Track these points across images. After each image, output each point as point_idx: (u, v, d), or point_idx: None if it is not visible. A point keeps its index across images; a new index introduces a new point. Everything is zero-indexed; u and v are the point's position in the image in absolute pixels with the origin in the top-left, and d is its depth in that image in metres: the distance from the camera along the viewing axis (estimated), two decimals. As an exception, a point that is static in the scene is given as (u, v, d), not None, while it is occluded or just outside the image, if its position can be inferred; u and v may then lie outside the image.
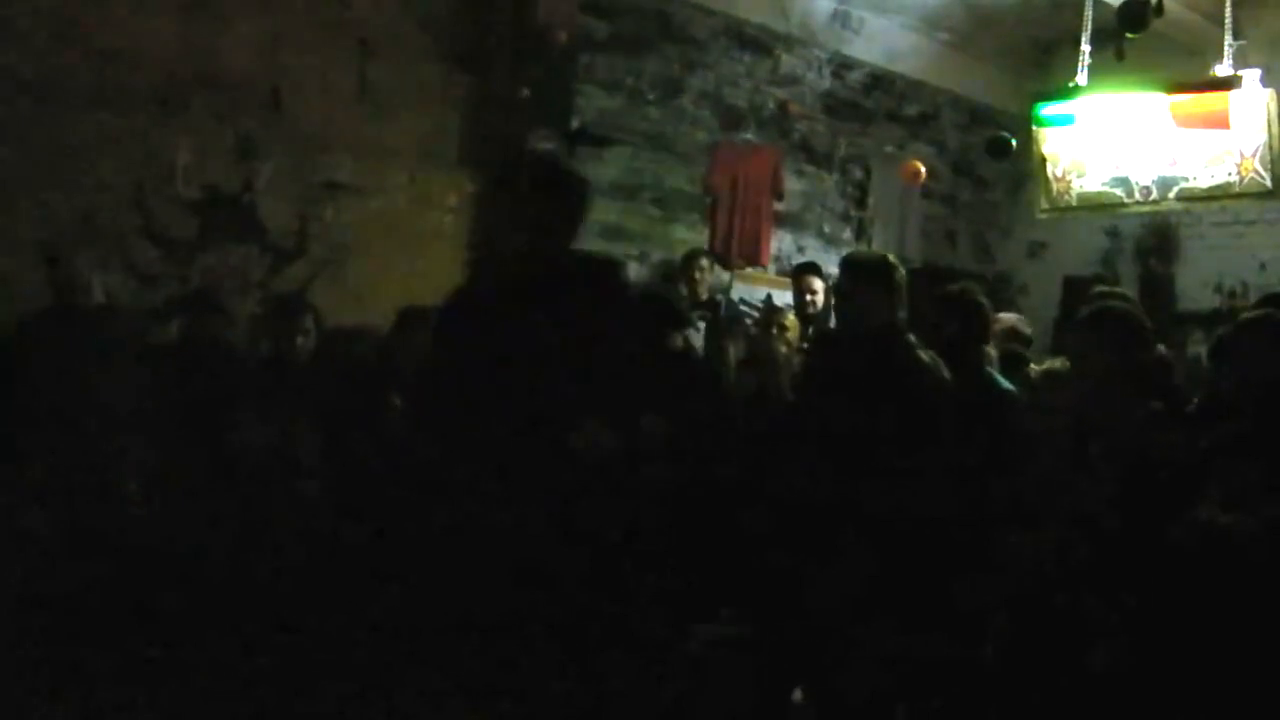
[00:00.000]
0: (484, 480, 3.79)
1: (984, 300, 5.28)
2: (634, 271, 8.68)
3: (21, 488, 4.78)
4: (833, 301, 7.37)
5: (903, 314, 4.80)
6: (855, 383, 4.54)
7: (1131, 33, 7.64)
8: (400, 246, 7.38)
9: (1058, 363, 5.36)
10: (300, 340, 5.75)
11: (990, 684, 4.24)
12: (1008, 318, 6.63)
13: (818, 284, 7.67)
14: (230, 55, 6.84)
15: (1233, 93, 7.72)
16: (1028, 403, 5.12)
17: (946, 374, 4.64)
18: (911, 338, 4.71)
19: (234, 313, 6.34)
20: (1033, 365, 6.03)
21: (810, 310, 7.52)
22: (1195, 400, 4.75)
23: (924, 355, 4.65)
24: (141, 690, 4.29)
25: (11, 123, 6.09)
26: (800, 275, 7.88)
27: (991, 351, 5.33)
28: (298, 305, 6.11)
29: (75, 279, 5.55)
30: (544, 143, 7.93)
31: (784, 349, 6.37)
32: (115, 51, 6.43)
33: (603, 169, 8.44)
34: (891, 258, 5.06)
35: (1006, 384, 5.13)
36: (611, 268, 4.51)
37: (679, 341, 5.73)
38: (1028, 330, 6.81)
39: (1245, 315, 4.46)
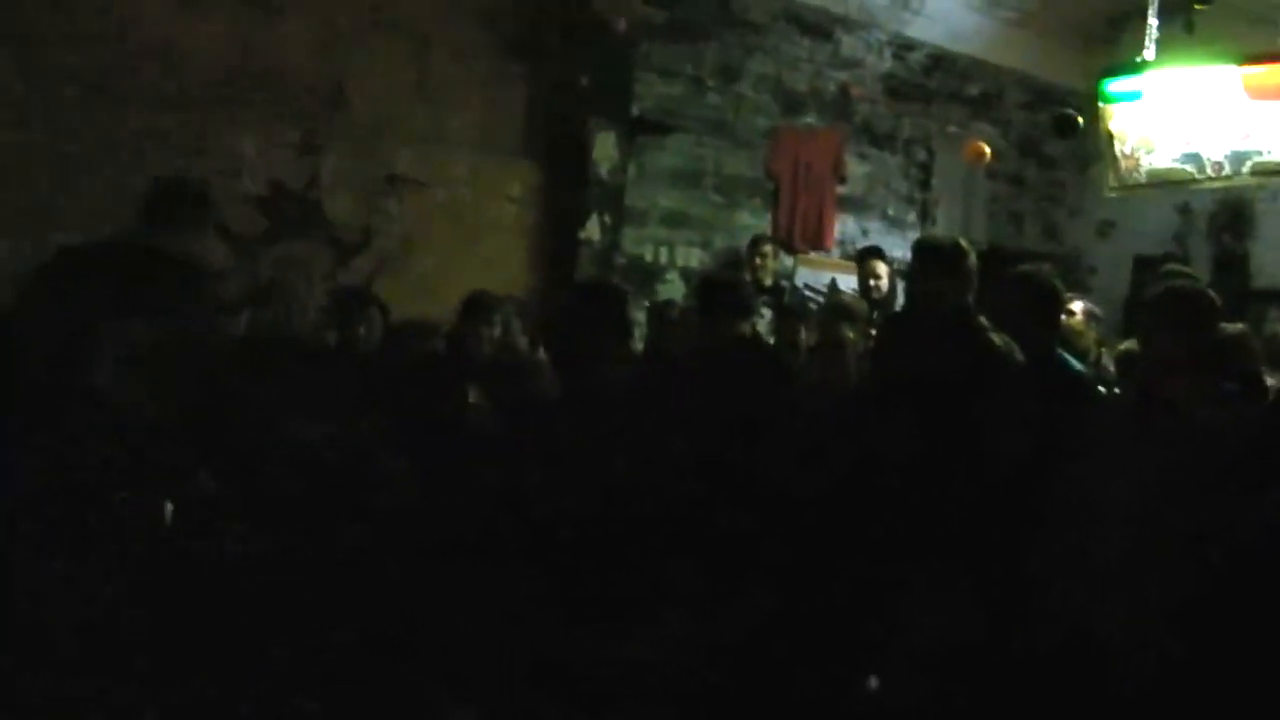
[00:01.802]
0: None
1: (1057, 282, 5.19)
2: (697, 258, 8.66)
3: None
4: (900, 285, 7.35)
5: (971, 297, 4.73)
6: (931, 367, 4.46)
7: (1200, 3, 7.50)
8: (463, 237, 7.40)
9: (1132, 344, 5.25)
10: (364, 332, 5.77)
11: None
12: (1077, 302, 6.53)
13: (882, 268, 7.61)
14: (292, 51, 6.89)
15: (1306, 63, 7.56)
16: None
17: (1020, 357, 4.56)
18: (984, 320, 4.63)
19: (301, 306, 6.36)
20: (1104, 348, 5.93)
21: (875, 295, 7.45)
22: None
23: (997, 339, 4.57)
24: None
25: (77, 120, 6.14)
26: (864, 260, 7.82)
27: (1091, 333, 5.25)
28: (362, 298, 6.13)
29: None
30: (603, 130, 7.91)
31: (851, 334, 6.29)
32: (178, 49, 6.48)
33: (664, 156, 8.43)
34: (963, 242, 4.99)
35: (1080, 366, 5.04)
36: None
37: (746, 329, 5.67)
38: (1098, 311, 6.69)
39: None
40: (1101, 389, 5.01)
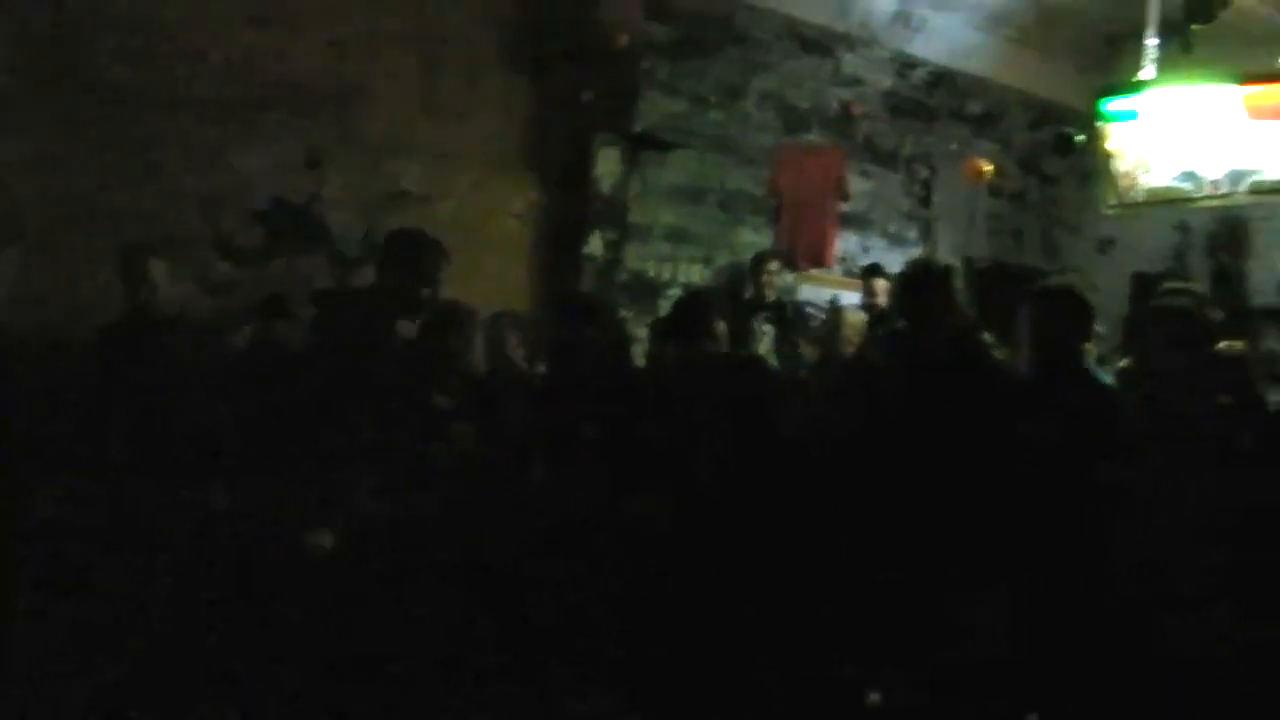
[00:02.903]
0: None
1: (1087, 296, 5.24)
2: (700, 274, 8.71)
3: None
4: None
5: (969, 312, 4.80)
6: (938, 385, 4.51)
7: (1198, 24, 7.56)
8: (467, 252, 7.42)
9: (1128, 362, 5.32)
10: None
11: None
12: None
13: (881, 285, 7.67)
14: (300, 64, 6.95)
15: (1303, 83, 7.62)
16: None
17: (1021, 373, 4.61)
18: (987, 337, 4.69)
19: (303, 319, 6.41)
20: (1104, 364, 5.97)
21: (874, 312, 7.50)
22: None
23: (998, 355, 4.63)
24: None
25: (83, 128, 6.21)
26: (864, 278, 7.92)
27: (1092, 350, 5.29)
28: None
29: (149, 287, 5.60)
30: (606, 146, 7.96)
31: (849, 350, 6.36)
32: (186, 59, 6.55)
33: (666, 173, 8.48)
34: (940, 264, 5.07)
35: (1109, 380, 5.08)
36: None
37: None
38: (1100, 329, 6.74)
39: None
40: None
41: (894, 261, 8.74)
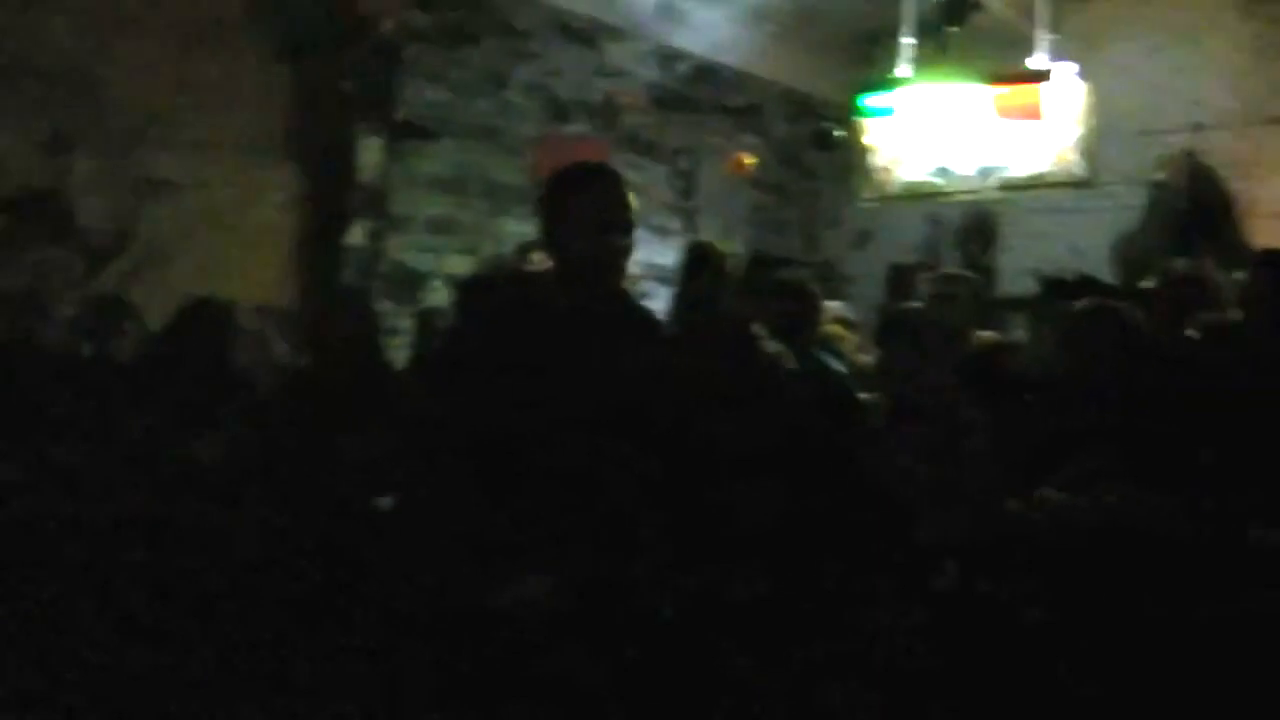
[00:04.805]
0: None
1: (814, 287, 5.40)
2: (463, 265, 8.60)
3: None
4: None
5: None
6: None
7: (952, 26, 7.79)
8: (226, 243, 7.18)
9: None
10: (119, 343, 5.58)
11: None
12: (833, 305, 6.73)
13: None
14: (44, 43, 6.58)
15: (1048, 85, 7.93)
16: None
17: (793, 364, 4.66)
18: (757, 328, 4.71)
19: (50, 315, 6.09)
20: (861, 355, 6.12)
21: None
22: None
23: (770, 347, 4.65)
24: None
25: None
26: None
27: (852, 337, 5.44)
28: (117, 307, 5.91)
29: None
30: (367, 135, 7.79)
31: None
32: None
33: (429, 162, 8.33)
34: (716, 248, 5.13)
35: (839, 366, 5.23)
36: None
37: None
38: (852, 317, 6.92)
39: (1080, 305, 4.60)
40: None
41: (657, 252, 8.78)
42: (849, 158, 9.42)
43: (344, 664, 3.77)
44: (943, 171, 8.61)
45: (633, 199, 3.64)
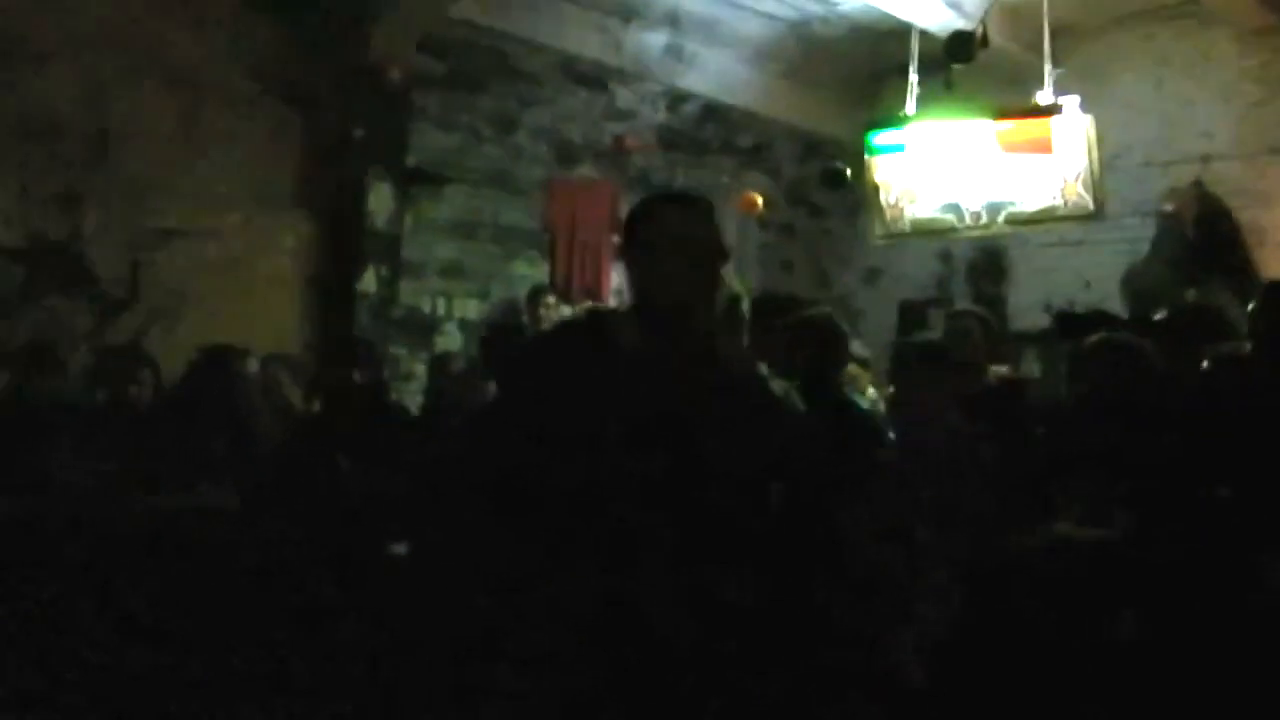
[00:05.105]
0: None
1: (841, 326, 5.35)
2: (475, 309, 8.64)
3: None
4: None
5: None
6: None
7: (957, 63, 7.81)
8: (237, 291, 7.22)
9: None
10: (135, 391, 5.61)
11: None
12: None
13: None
14: (56, 99, 6.65)
15: (1054, 119, 7.95)
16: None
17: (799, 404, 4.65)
18: (764, 369, 4.70)
19: (65, 365, 6.12)
20: (872, 390, 6.12)
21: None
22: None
23: (777, 387, 4.63)
24: None
25: None
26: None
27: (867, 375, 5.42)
28: (132, 356, 5.95)
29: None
30: (379, 181, 7.83)
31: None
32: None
33: (440, 207, 8.39)
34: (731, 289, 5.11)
35: (866, 406, 5.19)
36: None
37: None
38: (866, 354, 6.92)
39: (1091, 339, 4.61)
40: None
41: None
42: (858, 196, 9.44)
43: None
44: (953, 208, 8.60)
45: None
